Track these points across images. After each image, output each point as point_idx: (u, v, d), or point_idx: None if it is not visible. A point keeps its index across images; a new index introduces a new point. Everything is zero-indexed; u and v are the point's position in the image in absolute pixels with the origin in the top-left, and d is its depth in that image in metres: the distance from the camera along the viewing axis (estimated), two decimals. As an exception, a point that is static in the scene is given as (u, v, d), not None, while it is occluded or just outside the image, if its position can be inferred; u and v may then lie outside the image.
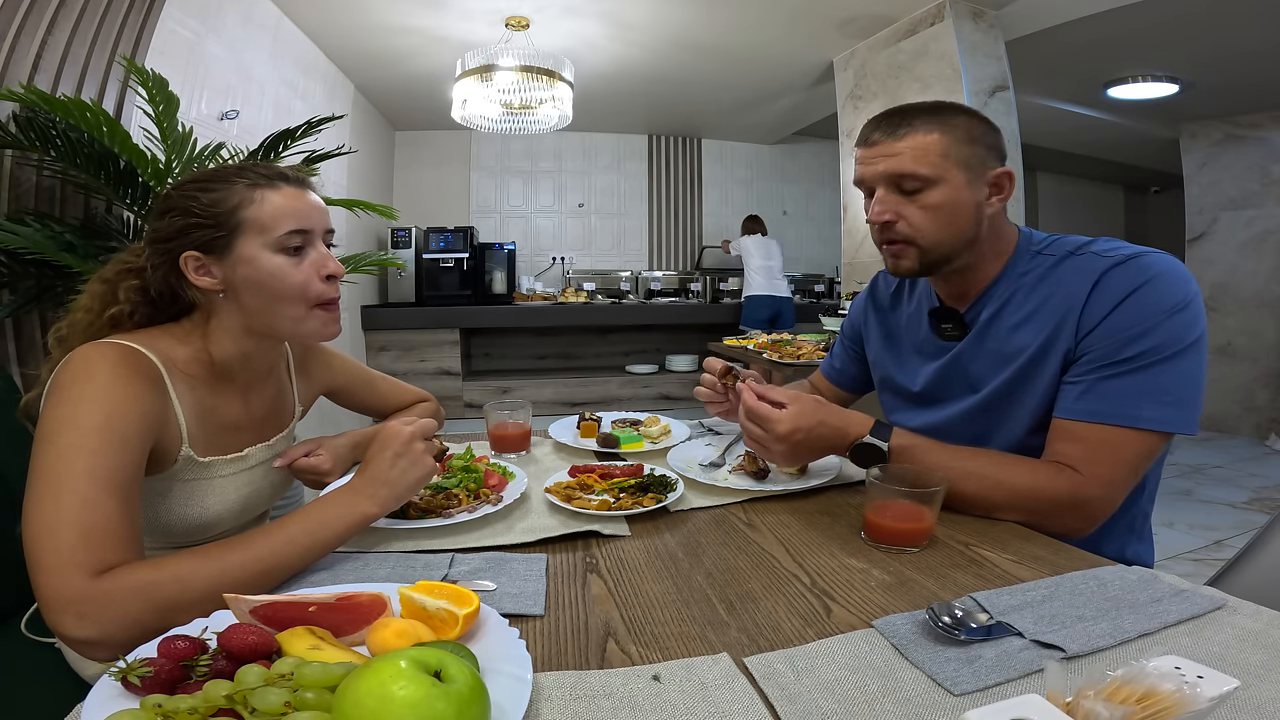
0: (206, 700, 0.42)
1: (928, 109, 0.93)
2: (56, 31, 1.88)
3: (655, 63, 3.93)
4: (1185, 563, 2.46)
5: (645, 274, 5.51)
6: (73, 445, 0.68)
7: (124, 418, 0.72)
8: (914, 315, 1.09)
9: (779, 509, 0.89)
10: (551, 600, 0.65)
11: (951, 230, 0.92)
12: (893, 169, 0.92)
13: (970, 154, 0.90)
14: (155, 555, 0.68)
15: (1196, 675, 0.44)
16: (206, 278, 0.85)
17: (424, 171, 5.39)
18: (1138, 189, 7.26)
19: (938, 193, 0.90)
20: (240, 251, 0.84)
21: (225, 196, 0.84)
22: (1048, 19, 3.13)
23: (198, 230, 0.84)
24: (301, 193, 0.88)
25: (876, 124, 0.94)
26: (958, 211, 0.91)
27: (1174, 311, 0.83)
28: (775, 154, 6.08)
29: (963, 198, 0.91)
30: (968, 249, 0.94)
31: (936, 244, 0.93)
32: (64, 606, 0.61)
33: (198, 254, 0.84)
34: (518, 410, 1.16)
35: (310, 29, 3.34)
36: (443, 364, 4.66)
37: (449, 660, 0.42)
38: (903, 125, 0.91)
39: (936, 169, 0.89)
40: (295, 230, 0.85)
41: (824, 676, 0.51)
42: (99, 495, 0.66)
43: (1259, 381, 4.36)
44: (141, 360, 0.79)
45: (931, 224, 0.92)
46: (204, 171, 0.89)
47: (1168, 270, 0.85)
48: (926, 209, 0.91)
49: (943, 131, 0.90)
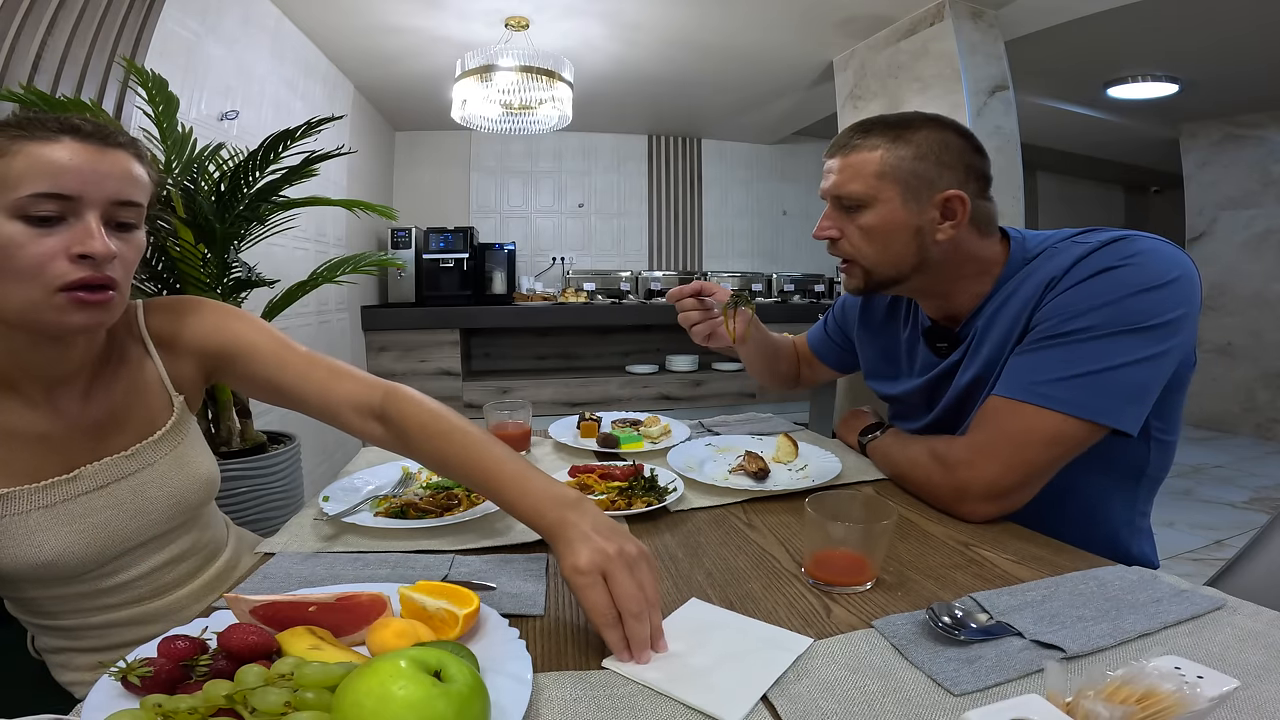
0: (206, 700, 0.42)
1: (894, 123, 0.90)
2: (56, 32, 1.88)
3: (655, 63, 3.93)
4: (1185, 562, 2.46)
5: (645, 274, 5.50)
6: None
7: None
8: (912, 336, 1.05)
9: (779, 509, 0.89)
10: (551, 600, 0.65)
11: (888, 253, 0.90)
12: (833, 186, 0.92)
13: (912, 173, 0.86)
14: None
15: (1196, 675, 0.44)
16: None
17: (424, 172, 5.39)
18: (1138, 189, 7.26)
19: (872, 213, 0.89)
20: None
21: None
22: (1047, 19, 3.13)
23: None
24: (85, 149, 0.66)
25: (841, 134, 0.94)
26: (892, 234, 0.89)
27: (1142, 289, 0.76)
28: (775, 154, 6.08)
29: (897, 219, 0.88)
30: (915, 273, 0.91)
31: (876, 265, 0.92)
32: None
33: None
34: (518, 410, 1.16)
35: (310, 29, 3.34)
36: (443, 364, 4.66)
37: (449, 660, 0.42)
38: (857, 137, 0.90)
39: (870, 188, 0.88)
40: (44, 194, 0.63)
41: (824, 676, 0.51)
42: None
43: (1259, 381, 4.35)
44: None
45: (868, 245, 0.91)
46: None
47: (1152, 250, 0.79)
48: (862, 229, 0.90)
49: (889, 148, 0.87)
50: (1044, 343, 0.80)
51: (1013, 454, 0.79)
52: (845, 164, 0.90)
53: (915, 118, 0.90)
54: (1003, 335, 0.87)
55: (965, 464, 0.82)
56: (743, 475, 0.99)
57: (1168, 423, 0.89)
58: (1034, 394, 0.79)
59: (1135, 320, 0.76)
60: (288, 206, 2.21)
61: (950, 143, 0.88)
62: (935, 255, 0.89)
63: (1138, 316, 0.76)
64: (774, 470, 1.02)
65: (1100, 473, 0.88)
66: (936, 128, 0.89)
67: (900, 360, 1.08)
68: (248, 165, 1.98)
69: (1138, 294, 0.76)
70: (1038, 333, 0.82)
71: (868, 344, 1.16)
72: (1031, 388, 0.79)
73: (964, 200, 0.86)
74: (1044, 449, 0.79)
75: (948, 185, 0.86)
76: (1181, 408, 0.91)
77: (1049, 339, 0.80)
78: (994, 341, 0.88)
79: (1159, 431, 0.88)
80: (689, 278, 5.59)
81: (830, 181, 0.93)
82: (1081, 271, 0.80)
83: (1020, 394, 0.80)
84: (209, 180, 2.05)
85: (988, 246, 0.91)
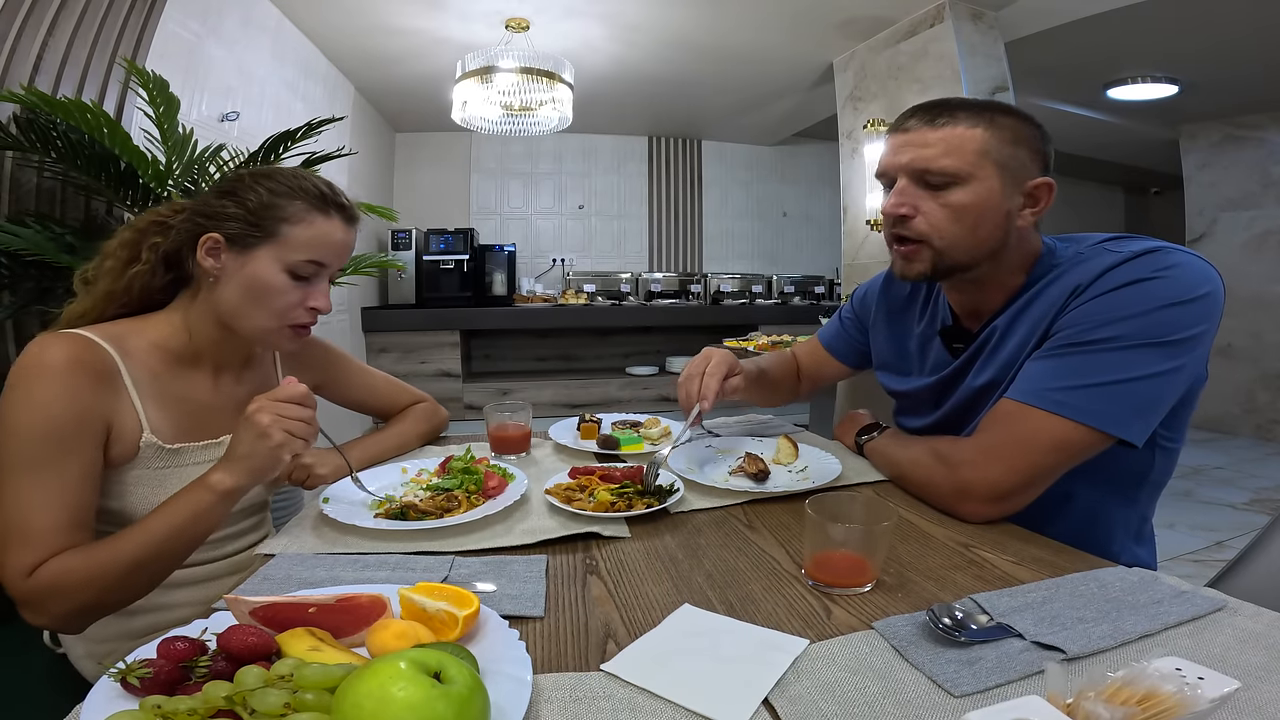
0: (206, 701, 0.42)
1: (975, 105, 0.85)
2: (57, 33, 1.88)
3: (655, 64, 3.93)
4: (1186, 564, 2.46)
5: (645, 276, 5.50)
6: (13, 454, 0.74)
7: (66, 423, 0.76)
8: (927, 332, 1.04)
9: (779, 510, 0.89)
10: (551, 602, 0.65)
11: (973, 235, 0.85)
12: (920, 159, 0.84)
13: (1012, 156, 0.83)
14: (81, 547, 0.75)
15: (1197, 676, 0.44)
16: (211, 260, 0.87)
17: (424, 173, 5.39)
18: (1138, 189, 7.26)
19: (966, 191, 0.83)
20: (256, 256, 0.87)
21: (282, 205, 0.87)
22: (1047, 20, 3.14)
23: (237, 223, 0.86)
24: (345, 230, 0.92)
25: (915, 110, 0.87)
26: (984, 215, 0.84)
27: (1172, 303, 0.76)
28: (775, 155, 6.08)
29: (994, 202, 0.83)
30: (988, 259, 0.87)
31: (953, 246, 0.86)
32: (19, 605, 0.72)
33: (219, 238, 0.86)
34: (518, 412, 1.16)
35: (310, 30, 3.34)
36: (443, 366, 4.66)
37: (449, 662, 0.42)
38: (943, 115, 0.84)
39: (970, 165, 0.82)
40: (314, 261, 0.88)
41: (824, 678, 0.51)
42: (36, 500, 0.73)
43: (1259, 382, 4.36)
44: (94, 354, 0.81)
45: (953, 225, 0.85)
46: (279, 171, 0.92)
47: (1186, 263, 0.78)
48: (950, 207, 0.84)
49: (987, 128, 0.83)
50: (1065, 350, 0.79)
51: (1017, 456, 0.79)
52: (939, 137, 0.83)
53: (995, 104, 0.87)
54: (1022, 339, 0.86)
55: (969, 464, 0.82)
56: (743, 477, 0.99)
57: (1174, 431, 0.88)
58: (1046, 400, 0.78)
59: (1160, 334, 0.75)
60: (288, 207, 2.20)
61: (1034, 132, 0.86)
62: (1012, 242, 0.87)
63: (1164, 330, 0.75)
64: (774, 472, 1.02)
65: (1103, 479, 0.88)
66: (1017, 115, 0.86)
67: (911, 356, 1.07)
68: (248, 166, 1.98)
69: (1167, 308, 0.75)
70: (1059, 339, 0.80)
71: (882, 332, 1.14)
72: (1045, 394, 0.78)
73: (1051, 188, 0.85)
74: (1049, 454, 0.78)
75: (1036, 173, 0.85)
76: (1189, 416, 0.89)
77: (1071, 346, 0.79)
78: (1013, 345, 0.87)
79: (1165, 440, 0.88)
80: (689, 279, 5.60)
81: (914, 154, 0.85)
82: (1111, 281, 0.79)
83: (1032, 399, 0.79)
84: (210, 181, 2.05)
85: (1036, 240, 0.90)
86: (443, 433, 1.29)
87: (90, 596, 0.73)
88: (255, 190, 0.87)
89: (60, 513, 0.74)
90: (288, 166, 0.95)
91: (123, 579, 0.74)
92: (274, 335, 0.91)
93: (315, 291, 0.91)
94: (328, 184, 0.93)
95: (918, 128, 0.86)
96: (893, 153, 0.88)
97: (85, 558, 0.73)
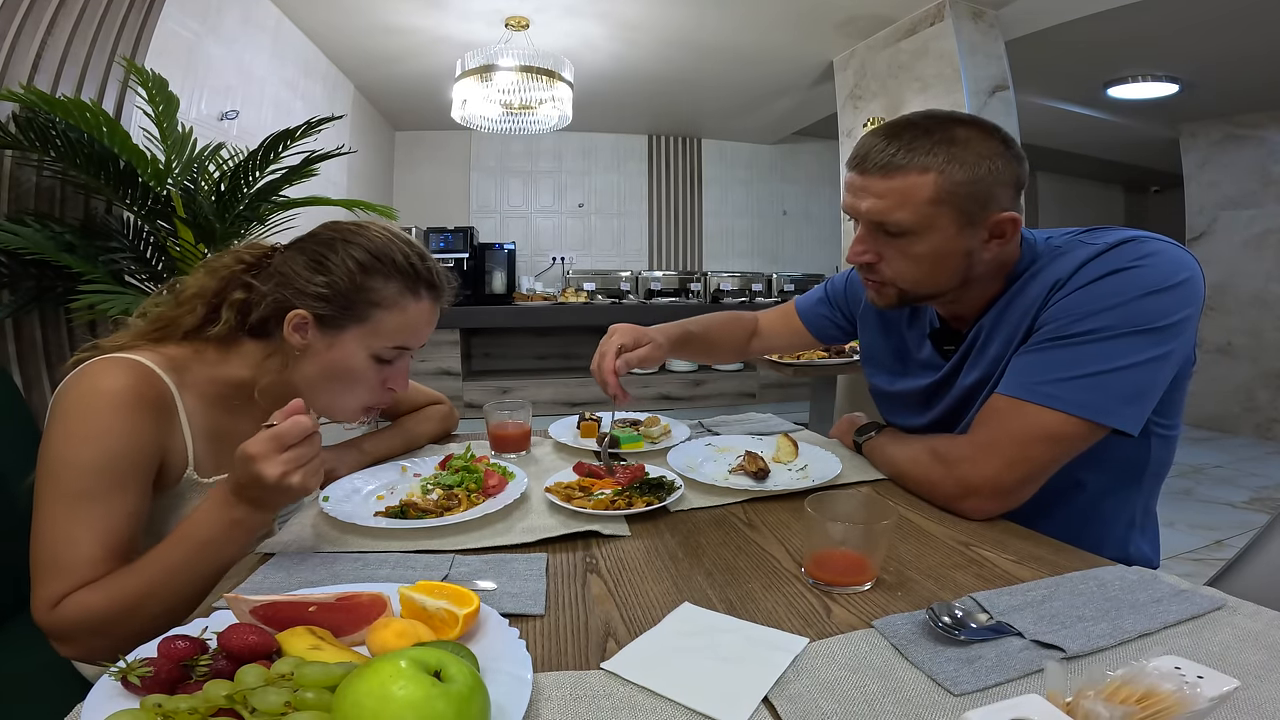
0: (206, 700, 0.42)
1: (934, 131, 0.81)
2: (56, 32, 1.88)
3: (655, 63, 3.93)
4: (1185, 562, 2.46)
5: (645, 274, 5.50)
6: (65, 483, 0.72)
7: (120, 458, 0.74)
8: (916, 334, 1.04)
9: (779, 509, 0.89)
10: (551, 600, 0.65)
11: (934, 278, 0.86)
12: (875, 210, 0.83)
13: (969, 194, 0.80)
14: None
15: (1196, 675, 0.44)
16: (298, 336, 0.84)
17: (424, 171, 5.39)
18: (1138, 189, 7.26)
19: (922, 242, 0.83)
20: (345, 338, 0.85)
21: (375, 289, 0.85)
22: (1047, 19, 3.13)
23: (328, 303, 0.84)
24: (432, 310, 0.91)
25: (871, 145, 0.84)
26: (942, 261, 0.84)
27: (1151, 291, 0.76)
28: (775, 154, 6.07)
29: (950, 247, 0.83)
30: (958, 288, 0.89)
31: (917, 285, 0.88)
32: (47, 635, 0.70)
33: (308, 316, 0.84)
34: (518, 410, 1.16)
35: (310, 29, 3.34)
36: (443, 364, 4.66)
37: (449, 660, 0.42)
38: (899, 155, 0.80)
39: (923, 216, 0.81)
40: (401, 346, 0.88)
41: (824, 676, 0.51)
42: (76, 533, 0.70)
43: (1259, 381, 4.35)
44: (151, 384, 0.78)
45: (914, 269, 0.86)
46: (371, 240, 0.86)
47: (1162, 251, 0.79)
48: (908, 256, 0.84)
49: (941, 167, 0.79)
50: (1050, 343, 0.80)
51: (1014, 451, 0.80)
52: (889, 188, 0.81)
53: (956, 124, 0.82)
54: (1007, 336, 0.87)
55: (967, 460, 0.82)
56: (743, 475, 0.99)
57: (1170, 418, 0.89)
58: (1037, 393, 0.79)
59: (1143, 321, 0.76)
60: (287, 206, 2.21)
61: (1000, 156, 0.81)
62: (978, 272, 0.87)
63: (1146, 317, 0.76)
64: (774, 470, 1.02)
65: (1102, 470, 0.88)
66: (982, 136, 0.81)
67: (901, 357, 1.07)
68: (248, 165, 1.98)
69: (1147, 295, 0.76)
70: (1044, 333, 0.81)
71: (870, 328, 1.15)
72: (1035, 387, 0.79)
73: (1016, 222, 0.83)
74: (1046, 447, 0.79)
75: (1001, 207, 0.82)
76: (1183, 403, 0.90)
77: (1055, 340, 0.80)
78: (998, 342, 0.88)
79: (1160, 428, 0.88)
80: (689, 278, 5.60)
81: (869, 205, 0.83)
82: (1090, 273, 0.80)
83: (1024, 393, 0.80)
84: (209, 180, 2.05)
85: (1012, 251, 0.89)
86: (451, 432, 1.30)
87: (109, 631, 0.68)
88: (347, 265, 0.84)
89: (97, 548, 0.71)
90: (378, 228, 0.90)
91: (140, 609, 0.70)
92: (343, 414, 0.90)
93: (396, 373, 0.90)
94: (419, 253, 0.89)
95: (873, 173, 0.83)
96: (853, 195, 0.87)
97: (105, 591, 0.69)
